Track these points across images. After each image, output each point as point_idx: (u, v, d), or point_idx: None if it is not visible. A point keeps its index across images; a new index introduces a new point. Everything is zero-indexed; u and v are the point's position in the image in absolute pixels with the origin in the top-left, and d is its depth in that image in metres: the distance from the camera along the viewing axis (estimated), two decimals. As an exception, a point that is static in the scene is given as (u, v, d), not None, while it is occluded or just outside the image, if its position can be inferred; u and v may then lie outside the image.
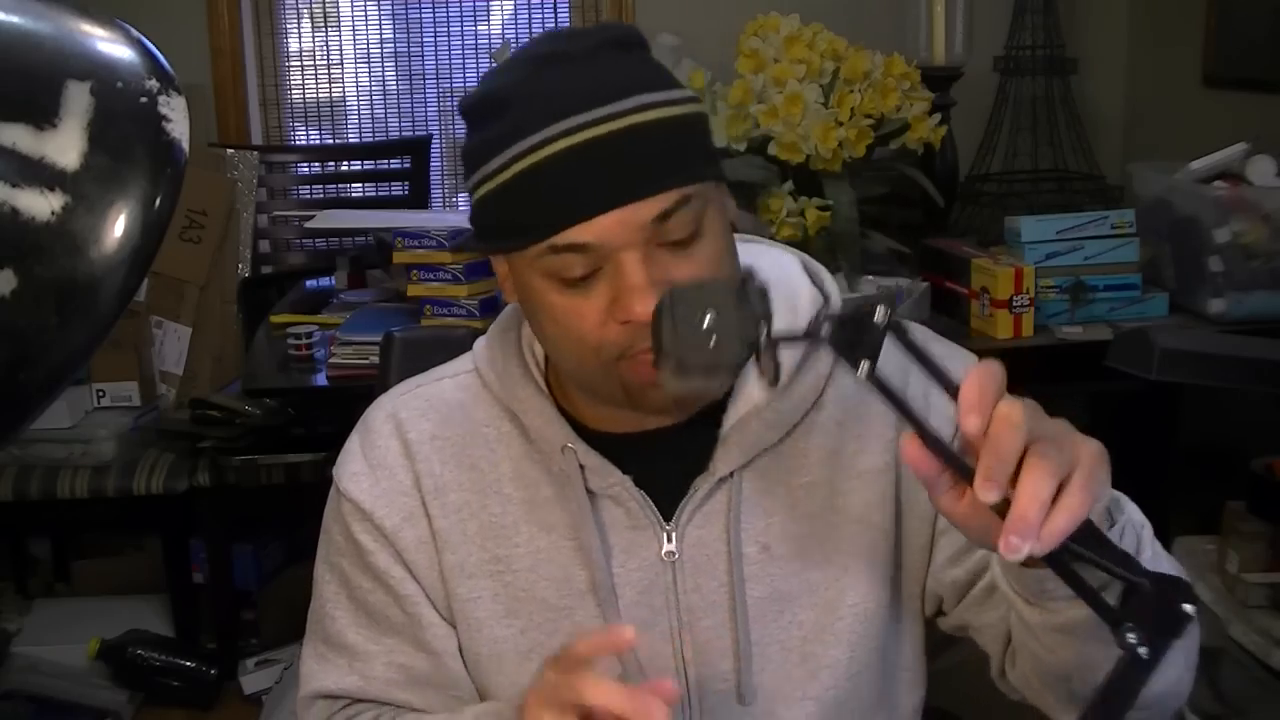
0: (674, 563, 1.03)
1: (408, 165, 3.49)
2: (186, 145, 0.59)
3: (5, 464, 2.81)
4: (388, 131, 3.64)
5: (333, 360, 2.26)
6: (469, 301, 2.24)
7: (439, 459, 1.06)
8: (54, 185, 0.55)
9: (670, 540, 1.03)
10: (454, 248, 2.24)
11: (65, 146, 0.55)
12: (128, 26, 0.61)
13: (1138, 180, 2.56)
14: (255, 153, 3.37)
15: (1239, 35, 2.83)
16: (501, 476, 1.06)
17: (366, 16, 3.58)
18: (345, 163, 3.56)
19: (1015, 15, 2.93)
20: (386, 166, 3.54)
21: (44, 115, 0.55)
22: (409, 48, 3.60)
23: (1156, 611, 0.79)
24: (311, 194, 3.54)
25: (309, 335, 2.36)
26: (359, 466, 1.09)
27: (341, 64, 3.60)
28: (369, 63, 3.61)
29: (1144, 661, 0.80)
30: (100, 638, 2.85)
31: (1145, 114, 3.33)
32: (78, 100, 0.56)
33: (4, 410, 0.57)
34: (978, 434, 0.74)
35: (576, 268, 0.93)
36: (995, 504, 0.74)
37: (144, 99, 0.58)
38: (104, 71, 0.58)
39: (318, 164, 3.57)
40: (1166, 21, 3.19)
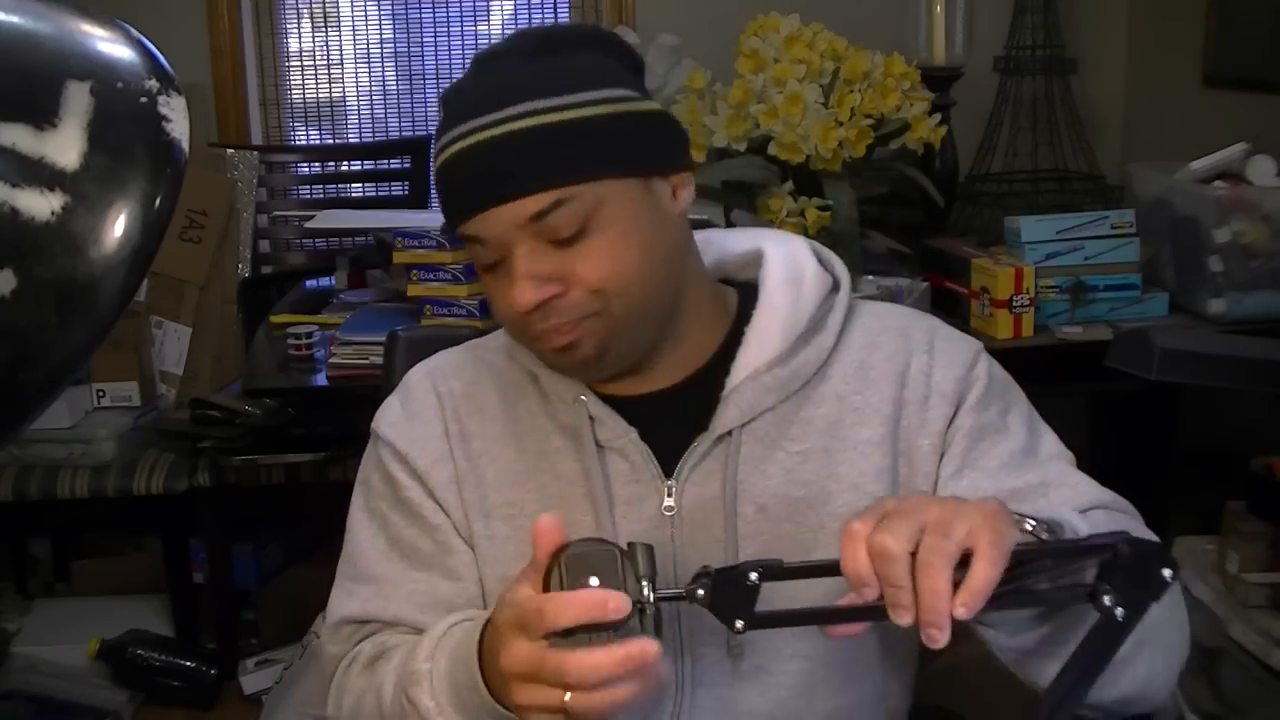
0: (673, 517, 1.08)
1: (408, 165, 3.49)
2: (186, 145, 0.59)
3: (5, 464, 2.81)
4: (388, 131, 3.64)
5: (333, 360, 2.26)
6: (469, 301, 2.24)
7: (466, 410, 1.16)
8: (54, 185, 0.55)
9: (670, 495, 1.09)
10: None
11: (65, 146, 0.55)
12: (128, 26, 0.61)
13: (1138, 180, 2.56)
14: (255, 153, 3.37)
15: (1239, 35, 2.83)
16: (520, 429, 1.14)
17: (366, 16, 3.58)
18: (345, 163, 3.56)
19: (1015, 15, 2.93)
20: (386, 166, 3.54)
21: (44, 115, 0.55)
22: (409, 48, 3.60)
23: (1130, 573, 0.86)
24: (311, 194, 3.54)
25: (309, 335, 2.36)
26: (396, 416, 1.18)
27: (341, 64, 3.60)
28: (369, 63, 3.61)
29: (1120, 623, 0.86)
30: (100, 638, 2.85)
31: (1145, 114, 3.33)
32: (78, 100, 0.56)
33: (4, 410, 0.57)
34: (875, 592, 0.85)
35: (485, 256, 1.05)
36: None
37: (144, 99, 0.58)
38: (104, 71, 0.57)
39: (318, 164, 3.57)
40: (1166, 21, 3.19)
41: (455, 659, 0.98)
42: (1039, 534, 0.92)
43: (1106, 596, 0.86)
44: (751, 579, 0.87)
